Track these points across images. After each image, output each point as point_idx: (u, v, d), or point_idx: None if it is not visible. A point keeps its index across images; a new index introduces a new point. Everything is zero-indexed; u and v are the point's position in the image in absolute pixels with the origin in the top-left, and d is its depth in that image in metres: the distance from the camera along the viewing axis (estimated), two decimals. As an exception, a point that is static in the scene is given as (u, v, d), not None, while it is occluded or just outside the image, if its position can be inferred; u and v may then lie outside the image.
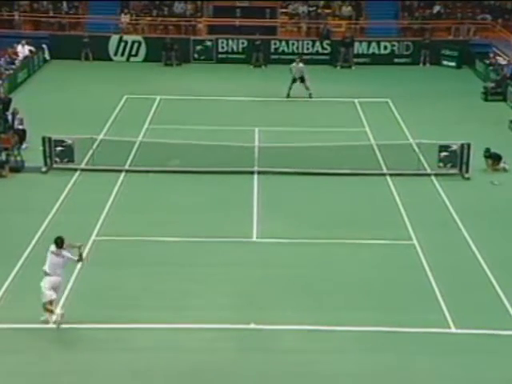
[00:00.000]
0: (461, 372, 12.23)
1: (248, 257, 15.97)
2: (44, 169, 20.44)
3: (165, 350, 12.69)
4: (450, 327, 13.43)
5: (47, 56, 33.19)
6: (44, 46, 33.05)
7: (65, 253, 13.22)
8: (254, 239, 16.80)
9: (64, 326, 13.25)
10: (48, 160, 20.51)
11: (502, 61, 30.71)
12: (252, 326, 13.30)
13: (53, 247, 13.23)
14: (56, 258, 13.13)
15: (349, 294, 14.58)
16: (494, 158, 20.90)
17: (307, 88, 27.69)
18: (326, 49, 33.82)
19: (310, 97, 27.80)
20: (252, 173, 20.28)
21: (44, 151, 20.48)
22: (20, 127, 22.15)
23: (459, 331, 13.32)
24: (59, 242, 13.19)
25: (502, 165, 20.89)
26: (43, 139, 20.48)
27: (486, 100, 28.12)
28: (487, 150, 20.94)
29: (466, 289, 14.76)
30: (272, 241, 16.63)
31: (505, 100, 27.75)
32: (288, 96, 27.75)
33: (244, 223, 17.42)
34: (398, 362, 12.47)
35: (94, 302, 14.11)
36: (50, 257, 13.17)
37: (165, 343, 12.90)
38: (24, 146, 21.65)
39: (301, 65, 27.96)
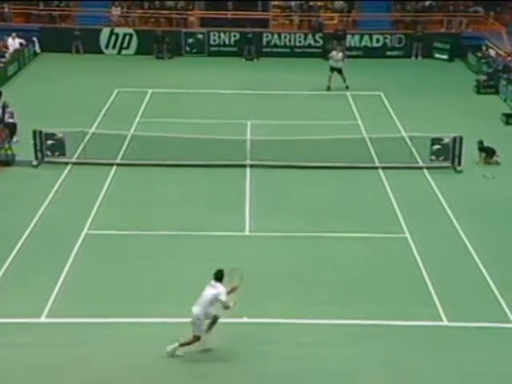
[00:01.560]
0: (453, 365, 12.24)
1: (240, 250, 15.92)
2: (35, 162, 20.34)
3: (159, 343, 12.60)
4: (442, 320, 13.45)
5: (38, 49, 32.97)
6: (34, 38, 32.82)
7: (219, 286, 12.08)
8: (247, 233, 16.76)
9: (56, 320, 13.23)
10: (39, 154, 20.41)
11: (494, 53, 30.72)
12: (245, 319, 13.27)
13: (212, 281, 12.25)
14: (209, 288, 12.13)
15: (341, 287, 14.57)
16: (487, 152, 20.92)
17: (344, 79, 27.82)
18: (318, 42, 33.76)
19: (347, 88, 27.82)
20: (244, 166, 20.23)
21: (35, 145, 20.37)
22: (10, 121, 22.01)
23: (451, 324, 13.34)
24: (219, 276, 12.20)
25: (494, 158, 20.92)
26: (34, 133, 20.37)
27: (478, 93, 28.13)
28: (480, 142, 20.95)
29: (458, 282, 14.78)
30: (264, 234, 16.59)
31: (497, 93, 27.76)
32: (328, 89, 27.85)
33: (236, 217, 17.38)
34: (390, 355, 12.48)
35: (86, 296, 14.06)
36: (207, 288, 12.17)
37: (159, 336, 12.83)
38: (15, 139, 21.53)
39: (340, 55, 28.07)
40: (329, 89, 27.96)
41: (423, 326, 13.30)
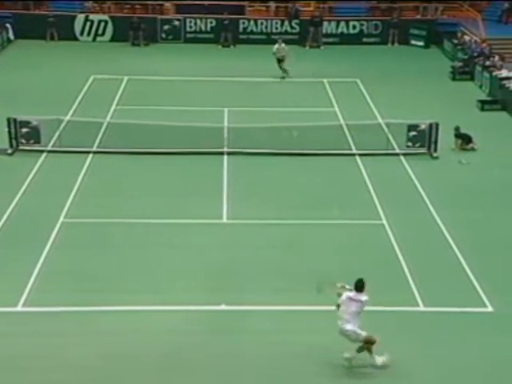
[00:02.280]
0: (429, 350, 12.33)
1: (218, 238, 15.90)
2: (10, 150, 20.11)
3: (136, 332, 12.63)
4: (418, 305, 13.55)
5: (11, 36, 32.48)
6: (8, 25, 32.31)
7: (363, 295, 11.56)
8: (224, 221, 16.72)
9: (32, 309, 13.15)
10: (13, 141, 20.18)
11: (469, 40, 30.86)
12: (223, 307, 13.28)
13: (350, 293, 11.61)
14: (351, 303, 11.54)
15: (319, 273, 14.49)
16: (464, 139, 21.04)
17: (283, 69, 27.73)
18: (294, 28, 33.68)
19: (283, 78, 27.76)
20: (222, 153, 20.16)
21: (9, 132, 20.13)
22: (-16, 108, 21.76)
23: (428, 309, 13.44)
24: (359, 286, 11.55)
25: (470, 145, 21.06)
26: (8, 120, 20.13)
27: (453, 79, 28.28)
28: (457, 129, 21.08)
29: (434, 267, 14.88)
30: (242, 222, 16.57)
31: (472, 79, 27.93)
32: (284, 77, 27.72)
33: (214, 204, 17.33)
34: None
35: (63, 285, 13.97)
36: (348, 303, 11.53)
37: (136, 325, 12.83)
38: (-11, 127, 21.28)
39: (283, 45, 27.97)
40: (284, 77, 27.68)
41: (400, 311, 13.38)
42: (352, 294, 11.63)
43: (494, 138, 21.99)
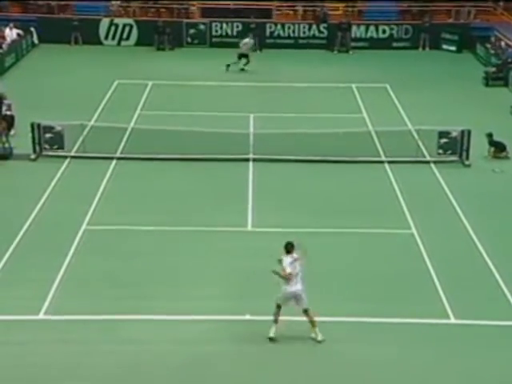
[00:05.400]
0: (460, 363, 12.01)
1: (243, 246, 15.64)
2: (33, 156, 20.01)
3: (159, 341, 12.49)
4: (449, 318, 13.22)
5: (36, 40, 32.51)
6: (32, 29, 32.35)
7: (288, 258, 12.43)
8: (249, 228, 16.46)
9: (54, 317, 13.04)
10: (37, 147, 20.09)
11: (503, 45, 30.20)
12: (247, 317, 13.05)
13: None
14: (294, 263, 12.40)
15: (346, 284, 14.31)
16: (498, 147, 20.50)
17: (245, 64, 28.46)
18: (322, 33, 33.28)
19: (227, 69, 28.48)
20: (247, 160, 19.87)
21: (33, 138, 20.04)
22: (8, 113, 21.66)
23: (459, 322, 13.12)
24: (289, 248, 12.49)
25: (504, 153, 20.52)
26: (32, 125, 20.04)
27: (486, 85, 27.68)
28: (490, 135, 20.52)
29: (465, 278, 14.53)
30: (267, 230, 16.28)
31: (506, 85, 27.32)
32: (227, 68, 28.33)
33: (239, 212, 17.08)
34: (397, 354, 12.27)
35: (86, 292, 13.85)
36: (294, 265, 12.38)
37: (159, 334, 12.68)
38: (12, 132, 21.16)
39: (247, 40, 28.55)
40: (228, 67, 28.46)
41: (430, 323, 13.06)
42: (289, 256, 12.28)
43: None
